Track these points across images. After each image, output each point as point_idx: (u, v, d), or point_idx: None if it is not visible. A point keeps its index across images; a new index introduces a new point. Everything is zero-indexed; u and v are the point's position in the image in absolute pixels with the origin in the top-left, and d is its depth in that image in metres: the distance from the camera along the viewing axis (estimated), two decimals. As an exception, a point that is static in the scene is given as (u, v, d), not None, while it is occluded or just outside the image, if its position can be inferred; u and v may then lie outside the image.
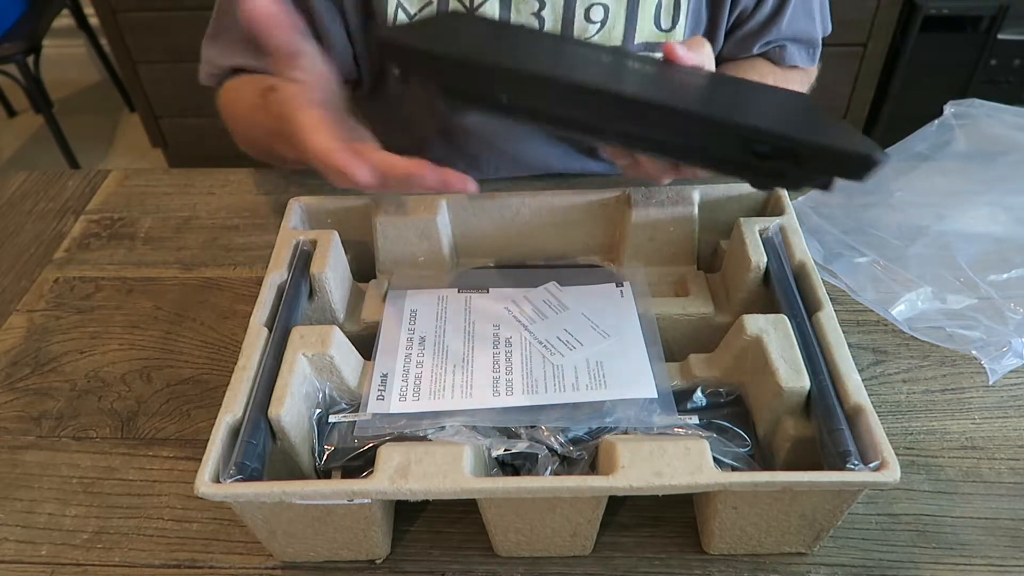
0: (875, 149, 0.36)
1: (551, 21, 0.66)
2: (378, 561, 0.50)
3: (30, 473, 0.56)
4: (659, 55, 0.54)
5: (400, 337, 0.55)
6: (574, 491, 0.43)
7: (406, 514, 0.51)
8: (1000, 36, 1.56)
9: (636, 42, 0.68)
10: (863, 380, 0.47)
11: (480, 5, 0.65)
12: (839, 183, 0.38)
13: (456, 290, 0.59)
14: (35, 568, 0.50)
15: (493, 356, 0.53)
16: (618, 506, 0.52)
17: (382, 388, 0.51)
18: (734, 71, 0.74)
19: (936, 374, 0.60)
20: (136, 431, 0.58)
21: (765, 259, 0.55)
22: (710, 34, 0.71)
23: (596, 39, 0.67)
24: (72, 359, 0.64)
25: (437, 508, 0.52)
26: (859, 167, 0.36)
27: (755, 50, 0.74)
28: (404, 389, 0.51)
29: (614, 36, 0.67)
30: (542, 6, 0.65)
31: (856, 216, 0.71)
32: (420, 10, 0.65)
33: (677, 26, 0.67)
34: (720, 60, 0.75)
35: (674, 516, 0.51)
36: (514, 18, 0.66)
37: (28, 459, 0.57)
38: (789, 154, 0.37)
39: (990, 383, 0.59)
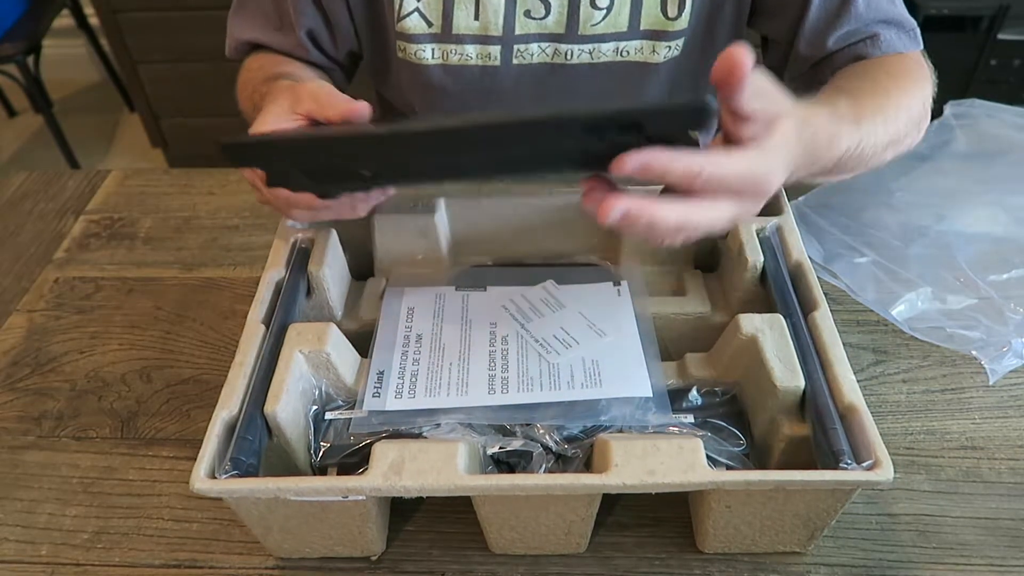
0: (704, 100, 0.38)
1: (557, 9, 0.65)
2: (373, 558, 0.50)
3: (30, 473, 0.56)
4: None
5: (397, 334, 0.55)
6: (567, 489, 0.43)
7: (406, 513, 0.52)
8: (1000, 36, 1.56)
9: (641, 28, 0.66)
10: (863, 380, 0.47)
11: None
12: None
13: (454, 288, 0.59)
14: (35, 568, 0.50)
15: (489, 354, 0.53)
16: (618, 505, 0.52)
17: (378, 385, 0.51)
18: (839, 87, 0.61)
19: (936, 374, 0.60)
20: (136, 431, 0.58)
21: (762, 259, 0.55)
22: (711, 23, 0.68)
23: (601, 26, 0.66)
24: (72, 359, 0.64)
25: (437, 508, 0.52)
26: (696, 117, 0.38)
27: (831, 44, 0.65)
28: (400, 386, 0.51)
29: (619, 23, 0.66)
30: None
31: (856, 216, 0.71)
32: None
33: (683, 14, 0.66)
34: (799, 63, 0.68)
35: (674, 516, 0.51)
36: (520, 6, 0.65)
37: (28, 459, 0.57)
38: (632, 127, 0.39)
39: (990, 383, 0.59)
